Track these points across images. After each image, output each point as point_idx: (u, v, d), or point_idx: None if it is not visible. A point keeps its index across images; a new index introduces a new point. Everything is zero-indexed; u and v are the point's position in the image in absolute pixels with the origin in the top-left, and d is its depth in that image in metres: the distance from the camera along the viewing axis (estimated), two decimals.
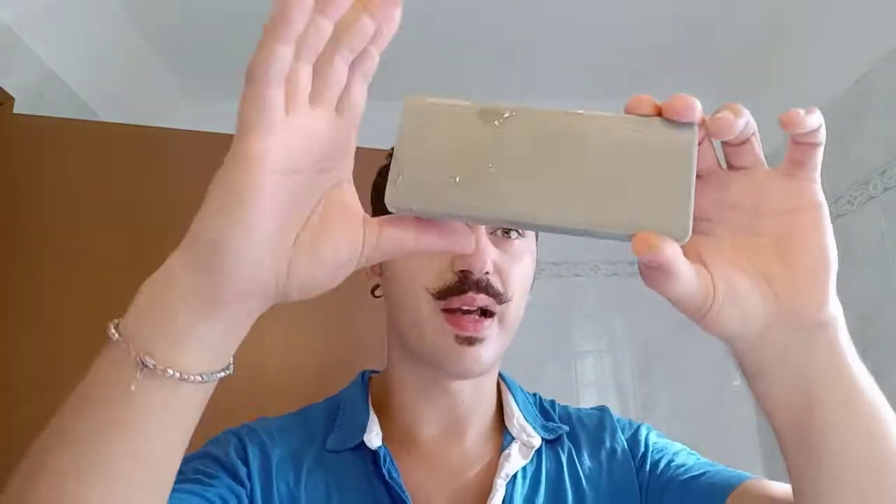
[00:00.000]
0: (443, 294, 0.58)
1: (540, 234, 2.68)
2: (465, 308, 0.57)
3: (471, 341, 0.57)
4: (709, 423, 2.17)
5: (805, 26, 1.97)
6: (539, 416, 0.69)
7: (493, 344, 0.59)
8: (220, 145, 1.37)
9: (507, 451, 0.63)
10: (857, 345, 0.40)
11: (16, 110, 1.40)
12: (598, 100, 2.46)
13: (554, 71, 2.29)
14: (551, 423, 0.68)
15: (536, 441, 0.64)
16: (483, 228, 0.59)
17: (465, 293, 0.57)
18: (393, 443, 0.62)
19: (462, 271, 0.57)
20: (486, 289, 0.58)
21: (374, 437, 0.61)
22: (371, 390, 0.68)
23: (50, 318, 1.29)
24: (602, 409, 0.73)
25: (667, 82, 2.46)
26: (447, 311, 0.58)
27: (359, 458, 0.61)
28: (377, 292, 0.68)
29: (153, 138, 1.43)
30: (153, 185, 1.40)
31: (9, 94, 1.39)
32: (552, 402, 0.73)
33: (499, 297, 0.59)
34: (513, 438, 0.65)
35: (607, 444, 0.67)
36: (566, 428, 0.68)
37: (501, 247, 0.61)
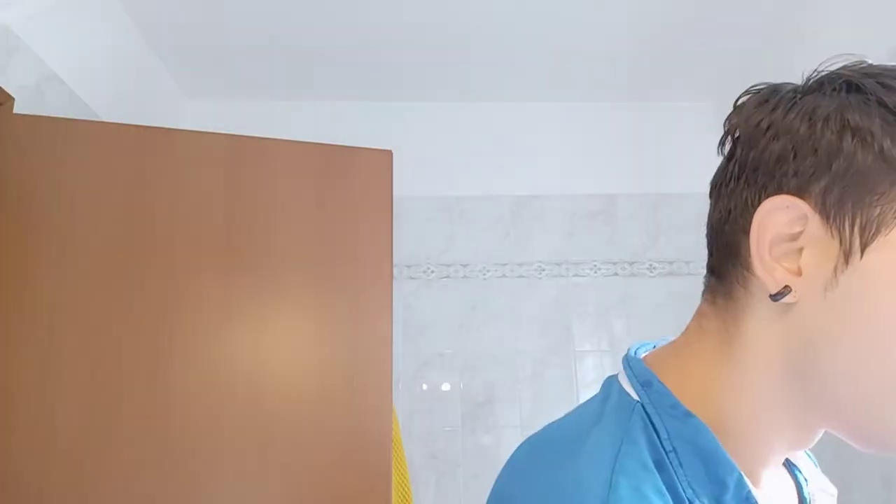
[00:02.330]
0: None
1: (536, 236, 2.66)
2: None
3: None
4: None
5: (804, 27, 1.97)
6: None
7: None
8: (219, 145, 1.38)
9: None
10: None
11: (16, 110, 1.40)
12: (598, 100, 2.47)
13: (554, 71, 2.29)
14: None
15: (832, 487, 0.52)
16: None
17: None
18: None
19: None
20: None
21: None
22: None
23: (49, 318, 1.29)
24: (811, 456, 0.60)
25: (666, 84, 2.47)
26: None
27: None
28: (786, 299, 0.43)
29: (153, 138, 1.43)
30: (153, 184, 1.40)
31: (9, 94, 1.39)
32: None
33: None
34: (805, 479, 0.52)
35: None
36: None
37: None
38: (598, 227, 2.38)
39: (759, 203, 0.43)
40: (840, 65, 0.44)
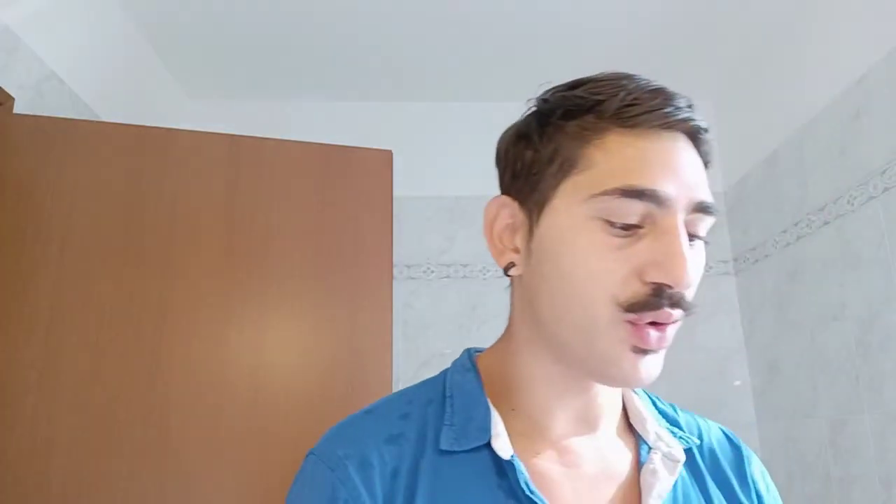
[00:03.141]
0: (633, 308, 0.49)
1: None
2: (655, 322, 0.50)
3: (646, 352, 0.50)
4: None
5: (804, 27, 1.97)
6: (661, 418, 0.63)
7: (663, 352, 0.53)
8: (219, 145, 1.38)
9: (651, 466, 0.56)
10: (857, 346, 0.40)
11: (16, 110, 1.40)
12: None
13: (554, 71, 2.29)
14: (678, 430, 0.62)
15: (679, 454, 0.57)
16: (684, 234, 0.50)
17: (659, 308, 0.49)
18: (516, 439, 0.55)
19: (658, 284, 0.49)
20: (681, 303, 0.49)
21: (502, 444, 0.53)
22: (482, 377, 0.60)
23: (50, 319, 1.29)
24: (738, 444, 0.66)
25: (666, 83, 2.46)
26: (632, 322, 0.50)
27: (478, 462, 0.53)
28: (512, 272, 0.57)
29: (153, 138, 1.44)
30: (153, 184, 1.40)
31: (9, 94, 1.39)
32: (673, 406, 0.66)
33: (688, 311, 0.51)
34: (650, 448, 0.58)
35: (734, 478, 0.61)
36: (697, 441, 0.62)
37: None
38: None
39: None
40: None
